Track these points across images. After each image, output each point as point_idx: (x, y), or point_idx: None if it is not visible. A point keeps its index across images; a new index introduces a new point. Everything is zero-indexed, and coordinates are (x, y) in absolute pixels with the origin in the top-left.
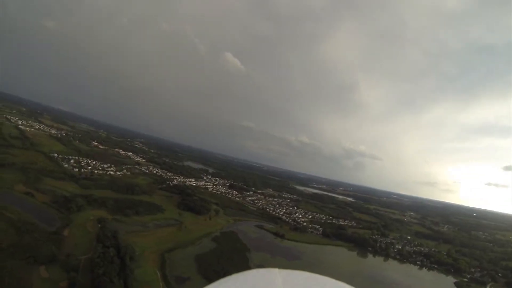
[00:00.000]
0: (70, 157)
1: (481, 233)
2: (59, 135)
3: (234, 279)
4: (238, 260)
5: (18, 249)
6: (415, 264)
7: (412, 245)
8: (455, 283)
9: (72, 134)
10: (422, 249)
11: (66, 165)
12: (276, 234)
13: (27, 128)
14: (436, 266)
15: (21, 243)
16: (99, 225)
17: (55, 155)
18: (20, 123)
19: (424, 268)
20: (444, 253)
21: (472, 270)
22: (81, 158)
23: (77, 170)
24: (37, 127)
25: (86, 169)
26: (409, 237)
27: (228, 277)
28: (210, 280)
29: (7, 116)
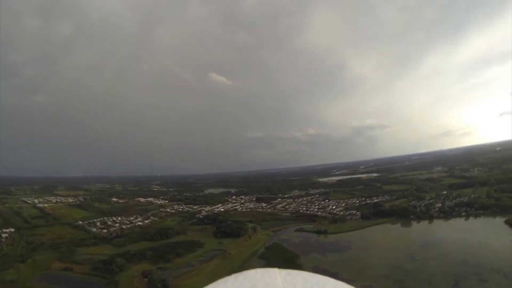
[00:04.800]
0: (95, 220)
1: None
2: (78, 202)
3: (233, 279)
4: (292, 269)
5: None
6: (460, 216)
7: (450, 199)
8: (506, 221)
9: (89, 197)
10: (462, 199)
11: (94, 229)
12: (318, 232)
13: (46, 205)
14: (481, 211)
15: None
16: (146, 279)
17: (80, 222)
18: (37, 201)
19: (470, 217)
20: (484, 196)
21: None
22: (105, 218)
23: (105, 231)
24: (54, 201)
25: (114, 227)
26: (445, 192)
27: (228, 277)
28: None
29: (23, 198)
